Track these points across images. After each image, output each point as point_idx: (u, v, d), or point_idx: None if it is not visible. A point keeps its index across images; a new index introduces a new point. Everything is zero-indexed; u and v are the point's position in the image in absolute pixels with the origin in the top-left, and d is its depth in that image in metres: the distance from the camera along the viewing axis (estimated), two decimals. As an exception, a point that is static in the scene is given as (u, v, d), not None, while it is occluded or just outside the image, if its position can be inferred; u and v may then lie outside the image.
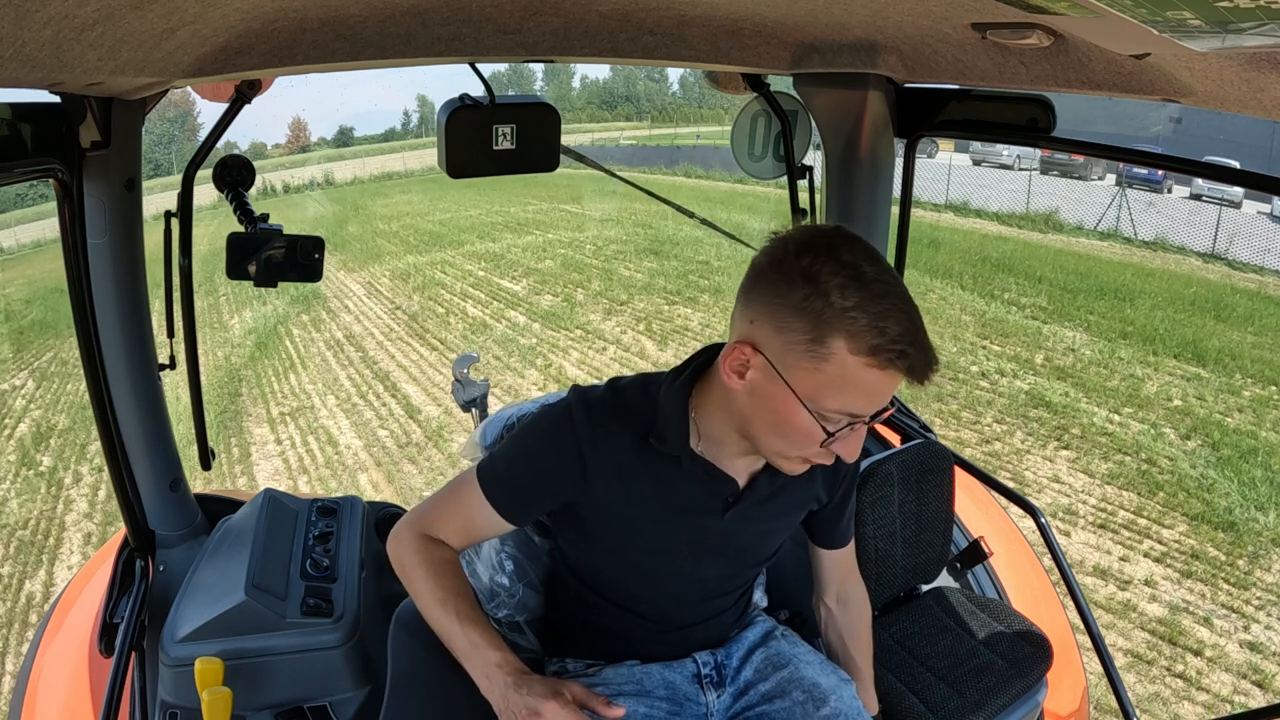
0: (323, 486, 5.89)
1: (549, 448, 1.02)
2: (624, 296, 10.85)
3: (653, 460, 1.01)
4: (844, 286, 0.83)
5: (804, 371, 0.87)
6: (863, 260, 0.85)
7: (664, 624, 1.15)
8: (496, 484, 1.03)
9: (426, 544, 1.04)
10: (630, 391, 1.04)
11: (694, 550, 1.08)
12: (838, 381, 0.86)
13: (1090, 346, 8.37)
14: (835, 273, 0.84)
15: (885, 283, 0.84)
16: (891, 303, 0.83)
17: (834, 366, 0.85)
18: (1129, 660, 3.63)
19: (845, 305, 0.83)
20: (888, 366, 0.84)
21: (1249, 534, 4.74)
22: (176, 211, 1.32)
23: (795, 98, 1.73)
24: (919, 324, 0.85)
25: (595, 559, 1.12)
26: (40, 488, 6.26)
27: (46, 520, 5.73)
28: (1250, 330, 9.26)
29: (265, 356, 9.30)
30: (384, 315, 10.84)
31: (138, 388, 1.36)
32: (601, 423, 1.00)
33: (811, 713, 1.10)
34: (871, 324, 0.82)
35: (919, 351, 0.84)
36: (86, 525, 5.62)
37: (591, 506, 1.04)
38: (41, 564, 5.15)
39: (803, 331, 0.85)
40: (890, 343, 0.82)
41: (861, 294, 0.83)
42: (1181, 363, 7.98)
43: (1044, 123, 1.38)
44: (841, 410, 0.88)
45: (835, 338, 0.84)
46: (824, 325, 0.84)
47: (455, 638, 0.97)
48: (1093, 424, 6.33)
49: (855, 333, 0.83)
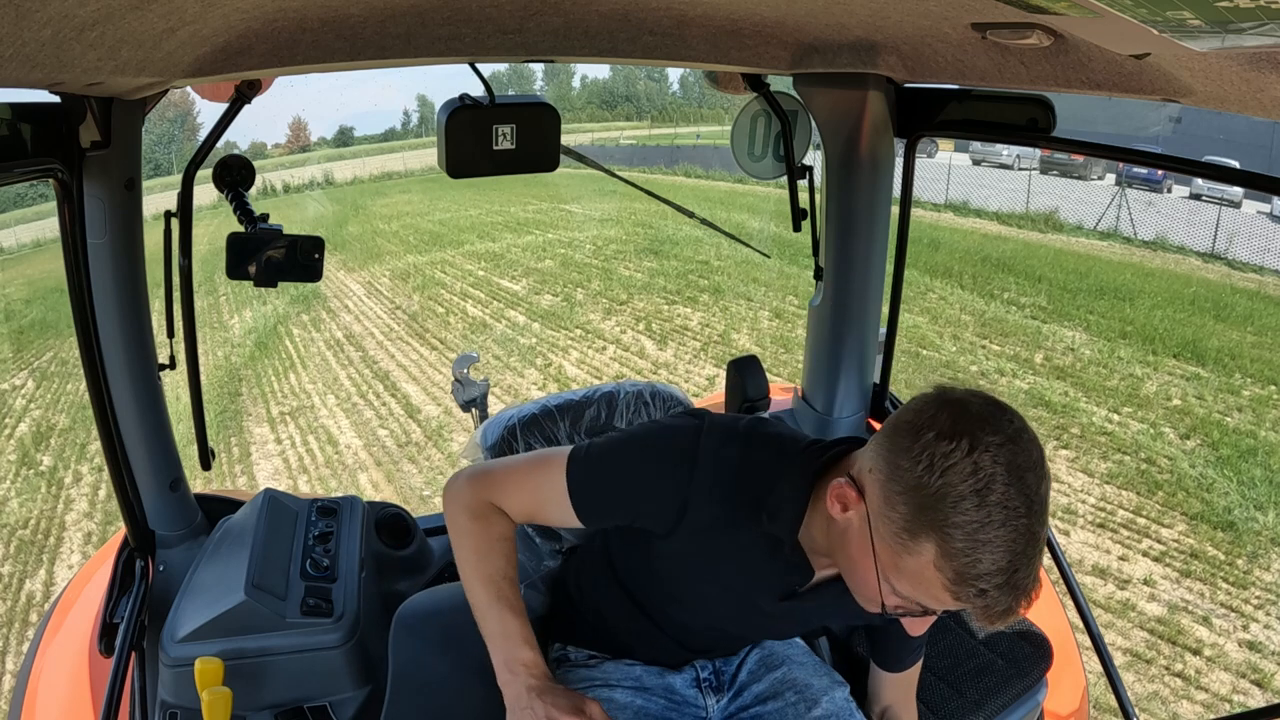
0: (323, 486, 5.89)
1: (657, 479, 0.97)
2: (624, 296, 10.84)
3: (751, 529, 0.96)
4: (962, 498, 0.75)
5: (889, 548, 0.81)
6: (1003, 475, 0.75)
7: (679, 641, 1.16)
8: (586, 483, 0.99)
9: (485, 511, 1.02)
10: (763, 452, 0.98)
11: (739, 613, 1.07)
12: (915, 578, 0.80)
13: (1090, 346, 8.37)
14: (965, 478, 0.75)
15: (1010, 508, 0.75)
16: (1003, 534, 0.75)
17: (917, 565, 0.79)
18: (1128, 659, 3.64)
19: (954, 519, 0.75)
20: (961, 599, 0.78)
21: (1248, 533, 4.74)
22: (176, 211, 1.32)
23: (795, 98, 1.73)
24: (1022, 562, 0.76)
25: (642, 577, 1.11)
26: (40, 487, 6.26)
27: (47, 520, 5.73)
28: (1250, 330, 9.26)
29: (265, 356, 9.30)
30: (384, 315, 10.84)
31: (138, 388, 1.36)
32: (721, 482, 0.95)
33: (804, 713, 1.10)
34: (968, 548, 0.75)
35: (1002, 595, 0.76)
36: (87, 525, 5.62)
37: (668, 542, 1.00)
38: (42, 563, 5.15)
39: (903, 514, 0.79)
40: (975, 578, 0.76)
41: (977, 514, 0.74)
42: (1181, 362, 7.98)
43: (1044, 123, 1.38)
44: (912, 598, 0.83)
45: (927, 542, 0.77)
46: (924, 523, 0.77)
47: (489, 619, 0.95)
48: (1092, 423, 6.33)
49: (947, 551, 0.76)
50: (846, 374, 1.91)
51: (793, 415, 2.04)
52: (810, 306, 1.93)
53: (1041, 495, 0.78)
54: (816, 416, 1.96)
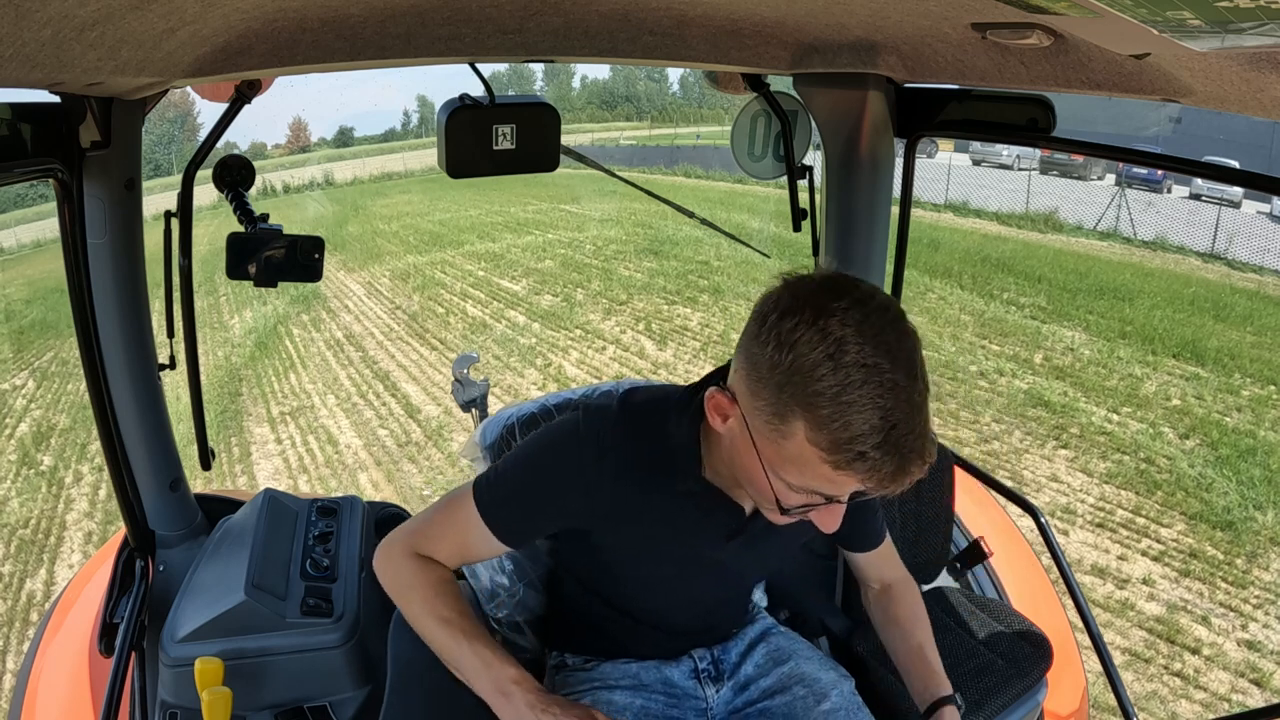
0: (323, 486, 5.89)
1: (556, 478, 0.97)
2: (623, 296, 10.84)
3: (663, 489, 0.97)
4: (816, 365, 0.73)
5: (766, 440, 0.80)
6: (854, 335, 0.73)
7: (662, 629, 1.15)
8: (496, 509, 0.98)
9: (420, 563, 1.00)
10: (643, 416, 0.98)
11: (696, 573, 1.08)
12: (797, 462, 0.78)
13: (1089, 346, 8.38)
14: (814, 346, 0.73)
15: (869, 366, 0.72)
16: (867, 392, 0.72)
17: (794, 447, 0.77)
18: (1127, 659, 3.64)
19: (813, 388, 0.73)
20: (843, 469, 0.75)
21: (1247, 533, 4.75)
22: (176, 211, 1.32)
23: (795, 98, 1.73)
24: (898, 418, 0.72)
25: (595, 572, 1.12)
26: (41, 487, 6.26)
27: (47, 519, 5.73)
28: (1249, 330, 9.26)
29: (265, 356, 9.30)
30: (384, 315, 10.84)
31: (138, 388, 1.36)
32: (612, 454, 0.95)
33: (812, 707, 1.10)
34: (834, 414, 0.72)
35: (885, 456, 0.73)
36: (87, 524, 5.62)
37: (598, 532, 1.02)
38: (42, 563, 5.15)
39: (768, 399, 0.77)
40: (850, 441, 0.73)
41: (834, 378, 0.72)
42: (1180, 362, 7.98)
43: (1044, 123, 1.38)
44: (804, 488, 0.81)
45: (796, 420, 0.75)
46: (787, 401, 0.75)
47: (463, 658, 0.93)
48: (1091, 423, 6.34)
49: (816, 422, 0.73)
50: (846, 374, 1.91)
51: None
52: (810, 306, 1.93)
53: (906, 351, 0.74)
54: (816, 416, 1.96)
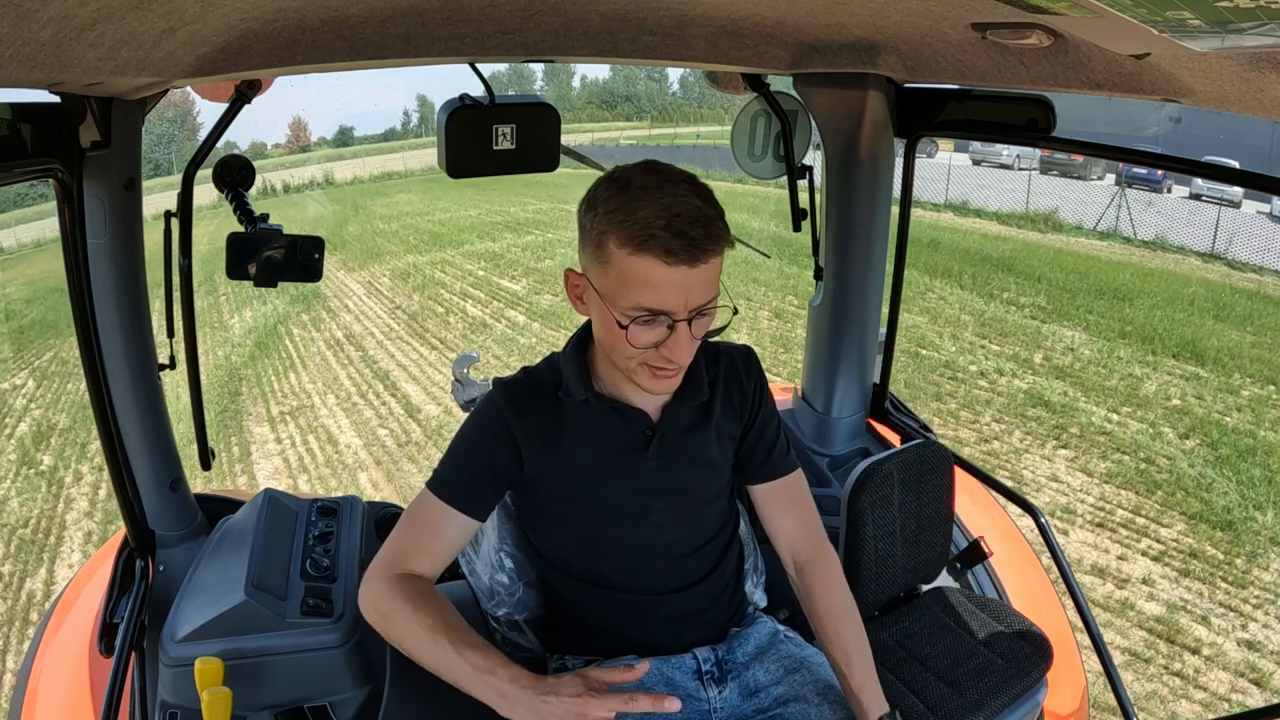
0: (323, 486, 5.89)
1: (481, 431, 1.11)
2: (624, 296, 10.82)
3: (571, 415, 1.10)
4: (609, 197, 0.95)
5: (599, 278, 0.97)
6: (637, 173, 0.95)
7: (639, 594, 1.15)
8: (446, 484, 1.08)
9: (398, 581, 1.02)
10: (540, 366, 1.16)
11: (635, 496, 1.12)
12: (620, 278, 0.94)
13: (1089, 346, 8.38)
14: (606, 186, 0.96)
15: (649, 186, 0.93)
16: (652, 197, 0.91)
17: (615, 266, 0.94)
18: (1126, 659, 3.64)
19: (608, 210, 0.94)
20: (642, 251, 0.91)
21: (1247, 533, 4.75)
22: (176, 211, 1.32)
23: (795, 98, 1.74)
24: (680, 209, 0.91)
25: (554, 538, 1.18)
26: (41, 487, 6.26)
27: (47, 519, 5.73)
28: (1249, 330, 9.26)
29: (265, 356, 9.30)
30: (384, 315, 10.84)
31: (138, 388, 1.36)
32: (519, 396, 1.11)
33: (827, 715, 1.10)
34: (626, 217, 0.92)
35: (671, 236, 0.90)
36: (87, 524, 5.62)
37: (534, 476, 1.11)
38: (42, 563, 5.15)
39: (592, 244, 0.97)
40: (640, 229, 0.90)
41: (621, 197, 0.93)
42: (1180, 362, 7.98)
43: (1044, 123, 1.38)
44: (633, 305, 0.95)
45: (607, 240, 0.94)
46: (599, 233, 0.95)
47: (455, 668, 0.94)
48: (1091, 423, 6.34)
49: (614, 229, 0.93)
50: (846, 374, 1.91)
51: (793, 415, 2.04)
52: (810, 306, 1.93)
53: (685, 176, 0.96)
54: (816, 416, 1.97)
